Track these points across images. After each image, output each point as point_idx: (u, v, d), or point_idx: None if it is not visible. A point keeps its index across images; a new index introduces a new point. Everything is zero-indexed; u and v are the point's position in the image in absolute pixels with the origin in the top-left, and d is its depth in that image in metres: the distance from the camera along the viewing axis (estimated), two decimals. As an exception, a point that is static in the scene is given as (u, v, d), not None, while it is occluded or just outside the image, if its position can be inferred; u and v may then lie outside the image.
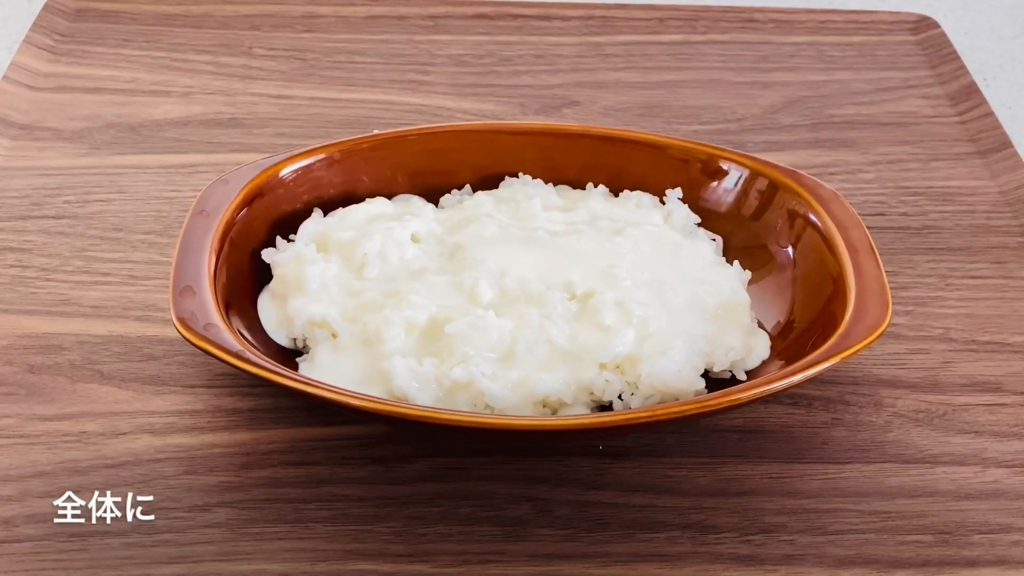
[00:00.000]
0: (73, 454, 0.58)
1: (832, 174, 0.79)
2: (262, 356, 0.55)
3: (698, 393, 0.58)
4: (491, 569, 0.53)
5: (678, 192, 0.68)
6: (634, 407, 0.58)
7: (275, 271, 0.63)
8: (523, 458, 0.58)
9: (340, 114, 0.84)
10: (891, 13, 0.98)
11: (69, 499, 0.55)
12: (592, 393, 0.58)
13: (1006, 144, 0.82)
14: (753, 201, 0.67)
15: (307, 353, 0.61)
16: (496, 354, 0.58)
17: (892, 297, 0.59)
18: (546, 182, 0.69)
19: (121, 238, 0.71)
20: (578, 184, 0.69)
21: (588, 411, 0.58)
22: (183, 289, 0.57)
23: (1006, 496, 0.58)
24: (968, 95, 0.88)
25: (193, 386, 0.61)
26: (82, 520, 0.54)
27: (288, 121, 0.83)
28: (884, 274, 0.60)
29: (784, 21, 0.97)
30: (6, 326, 0.64)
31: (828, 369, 0.55)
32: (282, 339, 0.61)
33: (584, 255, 0.63)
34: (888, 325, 0.57)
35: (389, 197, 0.68)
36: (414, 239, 0.64)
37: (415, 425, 0.56)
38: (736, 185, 0.67)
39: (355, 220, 0.65)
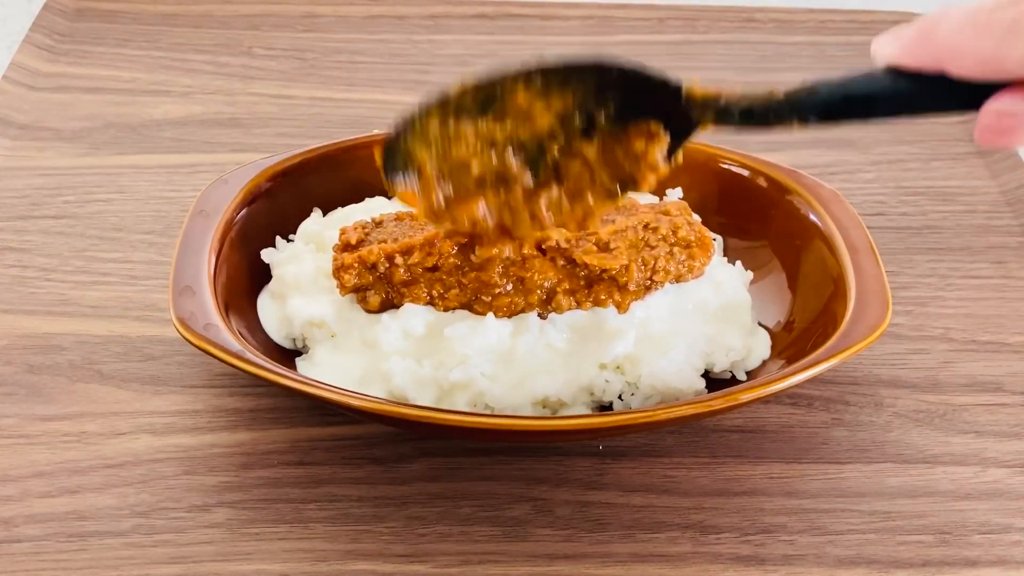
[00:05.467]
0: (73, 454, 0.58)
1: (832, 174, 0.79)
2: (262, 356, 0.55)
3: (698, 393, 0.58)
4: (491, 569, 0.53)
5: (678, 192, 0.68)
6: (634, 407, 0.58)
7: (274, 271, 0.63)
8: (523, 458, 0.58)
9: (340, 114, 0.84)
10: (891, 13, 0.98)
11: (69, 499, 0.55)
12: (592, 393, 0.58)
13: (1006, 144, 0.81)
14: (753, 201, 0.67)
15: (307, 353, 0.61)
16: (495, 356, 0.57)
17: (892, 297, 0.59)
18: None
19: (121, 238, 0.71)
20: (578, 184, 0.69)
21: (588, 411, 0.58)
22: (183, 289, 0.57)
23: (1006, 496, 0.58)
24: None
25: (193, 386, 0.61)
26: (82, 520, 0.55)
27: (288, 121, 0.83)
28: (884, 274, 0.60)
29: (785, 21, 0.97)
30: (6, 326, 0.64)
31: (828, 369, 0.55)
32: (282, 339, 0.61)
33: (584, 255, 0.63)
34: (888, 325, 0.57)
35: (389, 197, 0.68)
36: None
37: (415, 425, 0.56)
38: (736, 185, 0.67)
39: (354, 220, 0.65)
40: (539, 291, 0.58)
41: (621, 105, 0.52)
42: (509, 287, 0.58)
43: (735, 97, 0.50)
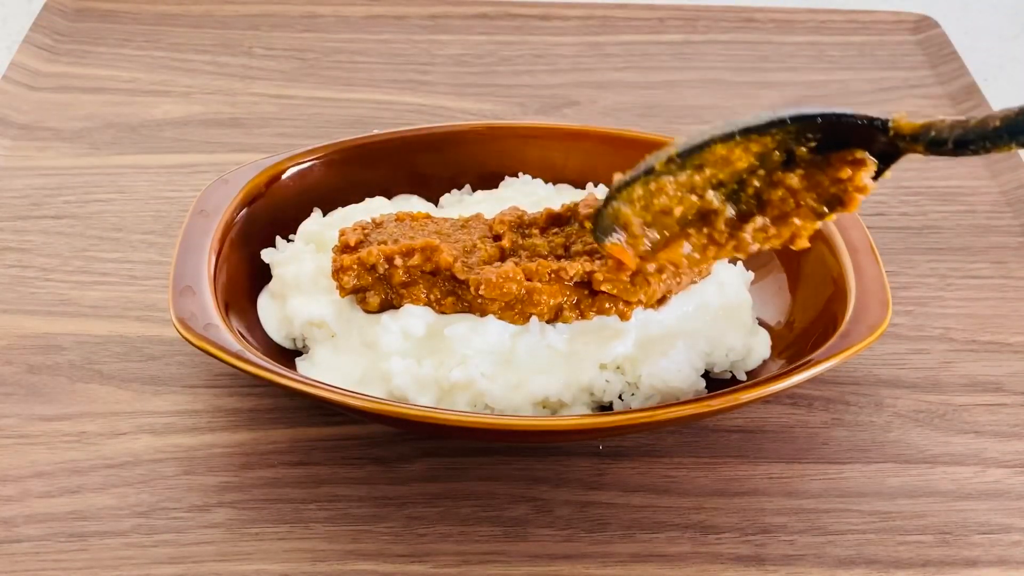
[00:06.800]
0: (73, 454, 0.58)
1: (832, 174, 0.79)
2: (262, 356, 0.55)
3: (698, 393, 0.58)
4: (491, 569, 0.53)
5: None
6: (634, 407, 0.58)
7: (274, 271, 0.63)
8: (523, 458, 0.58)
9: (340, 114, 0.84)
10: (891, 13, 0.98)
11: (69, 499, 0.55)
12: (592, 394, 0.58)
13: (1006, 144, 0.81)
14: (753, 201, 0.67)
15: (307, 353, 0.61)
16: (496, 356, 0.57)
17: (892, 297, 0.59)
18: (546, 182, 0.69)
19: (121, 238, 0.71)
20: (578, 184, 0.69)
21: (588, 411, 0.58)
22: (183, 289, 0.57)
23: (1006, 496, 0.58)
24: (968, 95, 0.88)
25: (193, 386, 0.61)
26: (82, 520, 0.55)
27: (288, 121, 0.83)
28: (884, 274, 0.60)
29: (784, 21, 0.97)
30: (6, 326, 0.64)
31: (828, 369, 0.55)
32: (282, 339, 0.61)
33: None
34: (888, 325, 0.57)
35: (389, 197, 0.68)
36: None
37: (415, 425, 0.56)
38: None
39: (354, 220, 0.65)
40: (546, 313, 0.58)
41: (822, 142, 0.53)
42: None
43: (946, 126, 0.50)
